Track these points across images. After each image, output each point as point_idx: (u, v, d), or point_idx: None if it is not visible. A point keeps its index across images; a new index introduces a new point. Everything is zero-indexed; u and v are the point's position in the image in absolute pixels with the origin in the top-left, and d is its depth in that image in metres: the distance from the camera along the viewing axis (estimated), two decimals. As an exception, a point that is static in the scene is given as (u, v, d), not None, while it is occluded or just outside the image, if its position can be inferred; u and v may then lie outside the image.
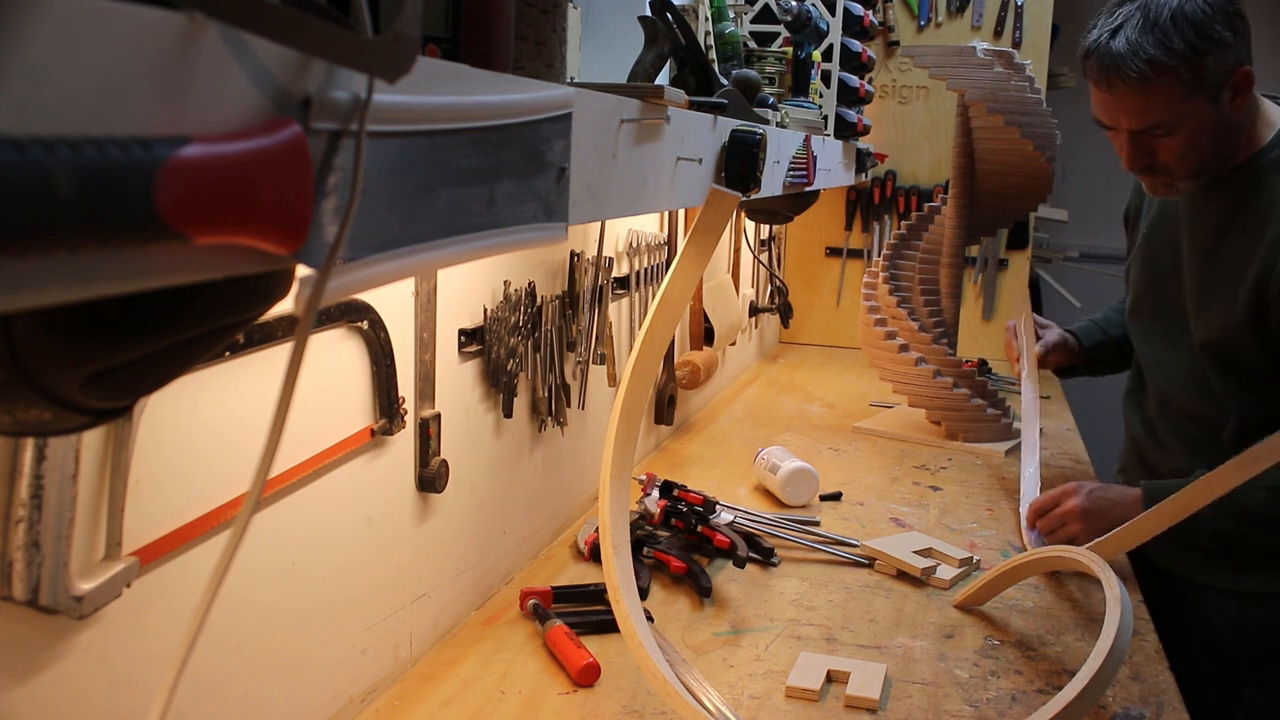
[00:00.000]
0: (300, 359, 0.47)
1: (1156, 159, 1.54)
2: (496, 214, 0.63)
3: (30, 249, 0.32)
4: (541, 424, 1.49)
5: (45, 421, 0.46)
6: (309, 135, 0.43)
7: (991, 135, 2.17)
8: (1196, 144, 1.50)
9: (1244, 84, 1.48)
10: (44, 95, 0.32)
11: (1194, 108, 1.47)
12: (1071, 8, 3.80)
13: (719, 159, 1.28)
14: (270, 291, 0.50)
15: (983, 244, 2.97)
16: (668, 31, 1.25)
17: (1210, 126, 1.49)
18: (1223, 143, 1.52)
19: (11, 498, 0.69)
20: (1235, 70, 1.47)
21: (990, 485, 1.96)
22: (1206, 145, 1.51)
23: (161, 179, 0.35)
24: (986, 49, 2.15)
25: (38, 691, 0.72)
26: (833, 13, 2.44)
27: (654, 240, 1.90)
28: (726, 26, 1.84)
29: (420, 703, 1.12)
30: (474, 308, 1.28)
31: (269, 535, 0.95)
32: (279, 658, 0.98)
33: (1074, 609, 1.42)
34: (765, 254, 2.95)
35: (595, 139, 0.85)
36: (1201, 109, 1.47)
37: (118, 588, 0.76)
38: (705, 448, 2.11)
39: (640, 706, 1.12)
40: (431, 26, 0.78)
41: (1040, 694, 1.19)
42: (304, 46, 0.43)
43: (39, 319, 0.43)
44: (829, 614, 1.38)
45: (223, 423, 0.87)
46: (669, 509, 1.54)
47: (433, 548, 1.22)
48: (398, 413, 1.11)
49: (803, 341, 3.30)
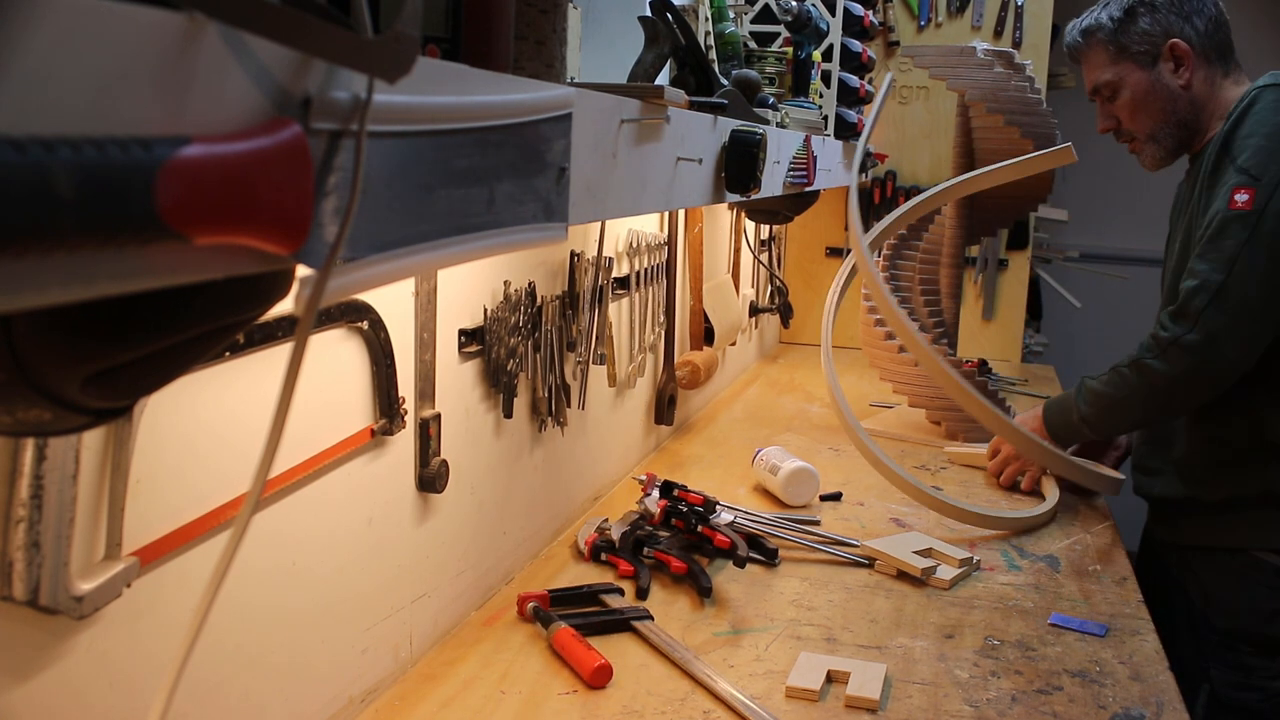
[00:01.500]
0: (300, 359, 0.47)
1: (1120, 123, 1.81)
2: (496, 214, 0.63)
3: (30, 249, 0.32)
4: (541, 424, 1.49)
5: (45, 421, 0.46)
6: (309, 135, 0.43)
7: (992, 135, 2.17)
8: (1141, 106, 1.76)
9: (1183, 58, 1.72)
10: (44, 95, 0.32)
11: (1126, 71, 1.75)
12: (1071, 8, 3.80)
13: (719, 159, 1.28)
14: (270, 291, 0.50)
15: (983, 244, 2.97)
16: (668, 31, 1.26)
17: (1148, 91, 1.74)
18: (1171, 111, 1.75)
19: (11, 498, 0.68)
20: (1165, 41, 1.72)
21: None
22: (1152, 108, 1.75)
23: (161, 179, 0.35)
24: (987, 49, 2.15)
25: (37, 692, 0.72)
26: (833, 13, 2.44)
27: (654, 240, 1.90)
28: (726, 26, 1.84)
29: (420, 703, 1.12)
30: (474, 308, 1.28)
31: (269, 535, 0.95)
32: (279, 658, 0.97)
33: (1074, 609, 1.42)
34: (765, 254, 2.95)
35: (595, 139, 0.85)
36: (1134, 73, 1.75)
37: (118, 588, 0.76)
38: (705, 448, 2.11)
39: (640, 707, 1.12)
40: (431, 26, 0.78)
41: (1040, 694, 1.19)
42: (304, 46, 0.43)
43: (39, 319, 0.43)
44: (829, 614, 1.38)
45: (223, 423, 0.87)
46: (669, 509, 1.54)
47: (433, 548, 1.22)
48: (398, 413, 1.11)
49: (803, 341, 3.29)
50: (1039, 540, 1.68)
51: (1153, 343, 1.65)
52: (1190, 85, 1.73)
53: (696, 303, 2.22)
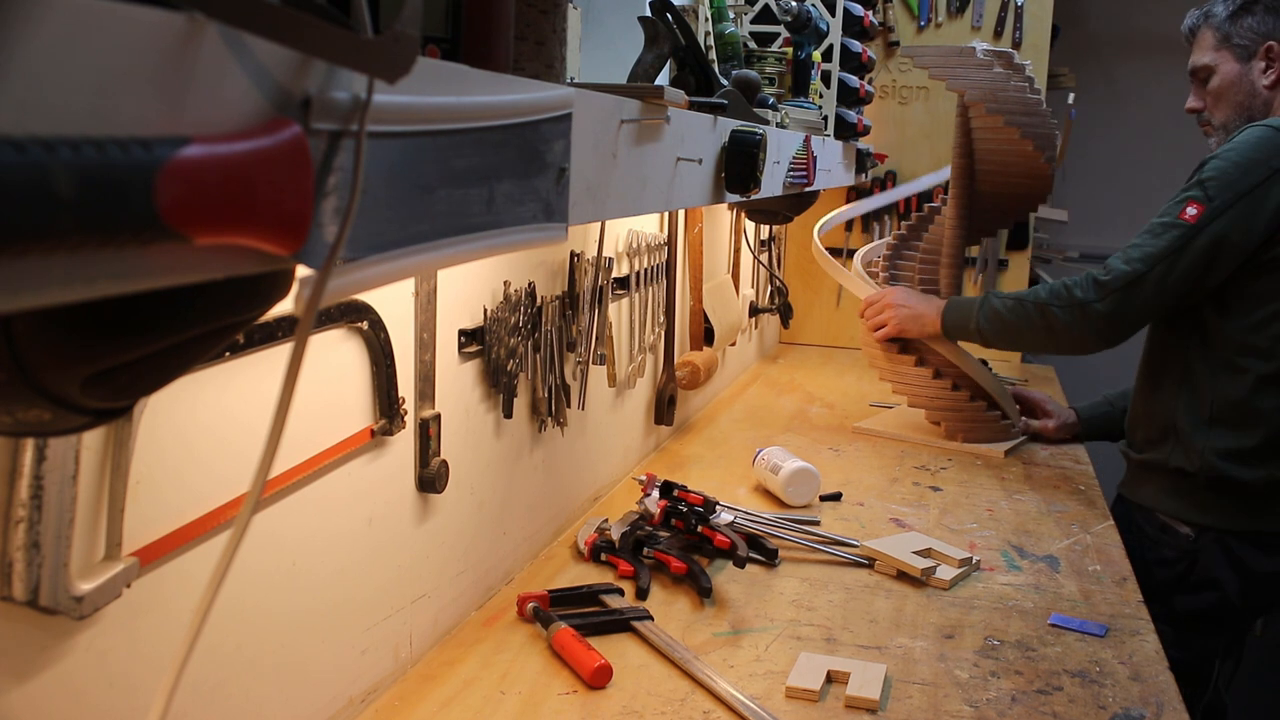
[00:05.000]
0: (300, 359, 0.47)
1: (1204, 104, 1.95)
2: (496, 214, 0.63)
3: (31, 249, 0.32)
4: (541, 424, 1.49)
5: (45, 421, 0.46)
6: (309, 135, 0.43)
7: (991, 136, 2.17)
8: (1224, 95, 1.89)
9: (1275, 60, 1.84)
10: (44, 95, 0.32)
11: (1223, 59, 1.88)
12: (1071, 8, 3.81)
13: (719, 159, 1.28)
14: (270, 292, 0.50)
15: (983, 244, 2.97)
16: (668, 31, 1.26)
17: (1236, 82, 1.87)
18: (1247, 106, 1.87)
19: (11, 498, 0.68)
20: (1265, 41, 1.84)
21: (990, 486, 1.96)
22: (1233, 99, 1.88)
23: (162, 179, 0.35)
24: (986, 49, 2.15)
25: (37, 692, 0.72)
26: (833, 13, 2.44)
27: (654, 240, 1.90)
28: (726, 27, 1.84)
29: (420, 703, 1.12)
30: (474, 308, 1.28)
31: (269, 536, 0.95)
32: (279, 658, 0.97)
33: (1074, 609, 1.42)
34: (765, 254, 2.95)
35: (595, 139, 0.85)
36: (1229, 63, 1.87)
37: (117, 588, 0.76)
38: (705, 448, 2.11)
39: (640, 707, 1.12)
40: (431, 26, 0.78)
41: (1040, 694, 1.19)
42: (304, 46, 0.43)
43: (39, 319, 0.43)
44: (829, 614, 1.37)
45: (223, 423, 0.87)
46: (669, 509, 1.54)
47: (433, 548, 1.22)
48: (398, 413, 1.11)
49: (803, 342, 3.29)
50: (1039, 540, 1.68)
51: (1067, 294, 1.86)
52: (1274, 87, 1.86)
53: (696, 303, 2.22)
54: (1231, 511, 1.83)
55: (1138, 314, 1.83)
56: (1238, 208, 1.72)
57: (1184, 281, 1.77)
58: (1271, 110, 1.86)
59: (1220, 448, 1.81)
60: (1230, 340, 1.80)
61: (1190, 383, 1.85)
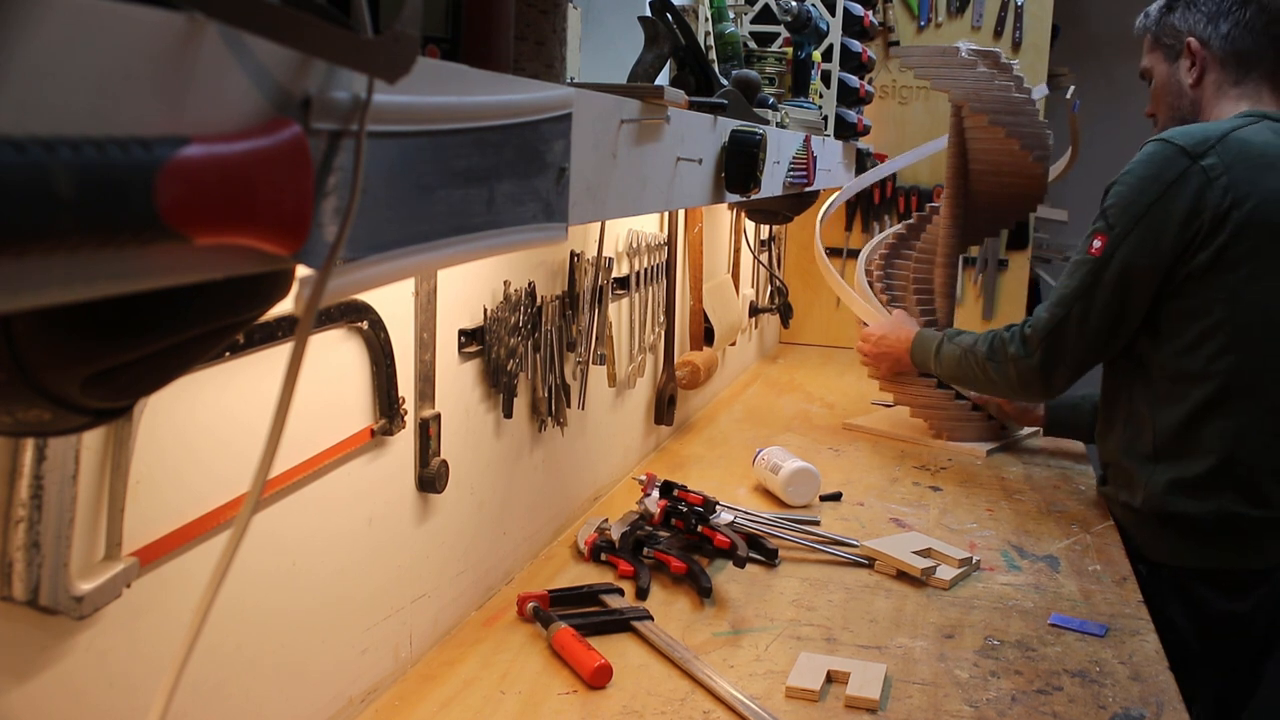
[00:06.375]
0: (300, 359, 0.47)
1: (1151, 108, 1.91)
2: (496, 214, 0.63)
3: (30, 249, 0.32)
4: (541, 424, 1.49)
5: (45, 421, 0.46)
6: (309, 135, 0.43)
7: (980, 135, 2.17)
8: (1159, 96, 1.85)
9: (1195, 58, 1.77)
10: (44, 95, 0.32)
11: (1156, 60, 1.84)
12: (1071, 8, 3.81)
13: (719, 159, 1.28)
14: (270, 292, 0.50)
15: (983, 244, 2.97)
16: (668, 31, 1.26)
17: (1165, 83, 1.83)
18: (1177, 106, 1.82)
19: (11, 498, 0.68)
20: (1186, 38, 1.77)
21: (990, 485, 1.96)
22: (1166, 100, 1.84)
23: (162, 179, 0.35)
24: (971, 49, 2.14)
25: (37, 692, 0.72)
26: (833, 13, 2.44)
27: (654, 240, 1.90)
28: (726, 26, 1.84)
29: (420, 703, 1.12)
30: (474, 308, 1.28)
31: (269, 536, 0.95)
32: (279, 658, 0.97)
33: (1074, 609, 1.42)
34: (765, 254, 2.95)
35: (595, 139, 0.85)
36: (1160, 64, 1.83)
37: (118, 588, 0.76)
38: (705, 448, 2.11)
39: (640, 707, 1.12)
40: (431, 26, 0.78)
41: (1040, 694, 1.19)
42: (304, 46, 0.43)
43: (39, 319, 0.43)
44: (829, 614, 1.37)
45: (223, 423, 0.87)
46: (669, 509, 1.54)
47: (433, 548, 1.22)
48: (398, 413, 1.11)
49: (803, 342, 3.29)
50: (1039, 540, 1.69)
51: (1001, 350, 1.85)
52: (1198, 85, 1.79)
53: (696, 303, 2.22)
54: (1183, 549, 1.71)
55: (1070, 359, 1.76)
56: (1138, 231, 1.65)
57: (1105, 317, 1.71)
58: (1200, 110, 1.79)
59: (1165, 480, 1.70)
60: (1166, 368, 1.70)
61: (1134, 420, 1.76)
